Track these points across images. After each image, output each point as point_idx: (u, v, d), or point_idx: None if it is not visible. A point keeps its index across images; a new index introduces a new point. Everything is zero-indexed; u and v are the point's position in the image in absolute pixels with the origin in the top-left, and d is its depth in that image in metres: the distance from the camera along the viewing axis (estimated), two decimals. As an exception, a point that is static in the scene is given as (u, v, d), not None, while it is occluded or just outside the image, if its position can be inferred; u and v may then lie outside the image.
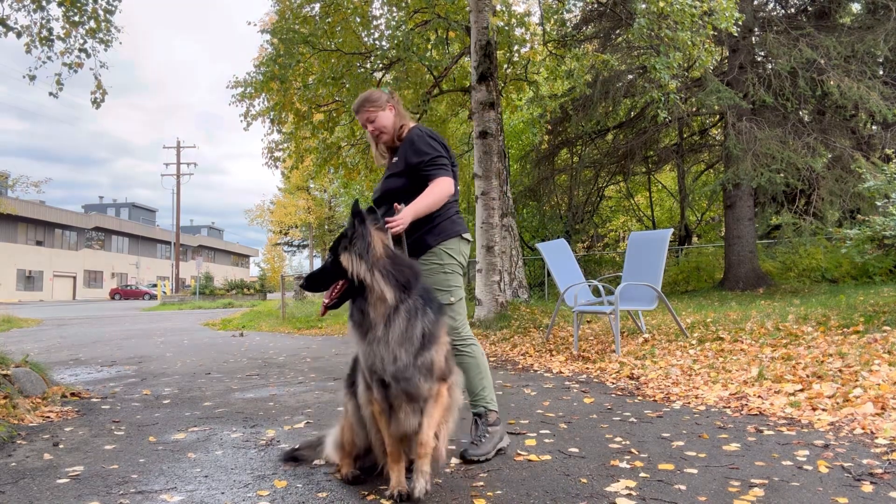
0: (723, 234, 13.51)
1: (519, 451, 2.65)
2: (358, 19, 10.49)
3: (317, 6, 10.26)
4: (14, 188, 25.71)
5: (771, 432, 2.81)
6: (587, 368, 4.87)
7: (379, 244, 2.09)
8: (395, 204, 2.50)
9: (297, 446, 2.67)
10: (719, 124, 13.40)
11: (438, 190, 2.55)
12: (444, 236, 2.63)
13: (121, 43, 7.40)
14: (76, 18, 6.91)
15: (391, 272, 2.07)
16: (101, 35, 7.10)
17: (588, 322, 7.54)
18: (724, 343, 5.03)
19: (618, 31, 12.13)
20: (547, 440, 2.83)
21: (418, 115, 11.42)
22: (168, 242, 53.32)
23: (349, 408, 2.32)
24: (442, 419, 2.18)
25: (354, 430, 2.29)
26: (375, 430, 2.21)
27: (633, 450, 2.60)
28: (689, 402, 3.53)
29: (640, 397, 3.76)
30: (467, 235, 2.74)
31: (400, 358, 2.04)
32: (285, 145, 12.18)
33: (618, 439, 2.79)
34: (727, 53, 12.09)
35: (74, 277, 45.77)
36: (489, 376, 2.71)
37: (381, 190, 2.70)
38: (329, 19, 10.10)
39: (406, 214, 2.43)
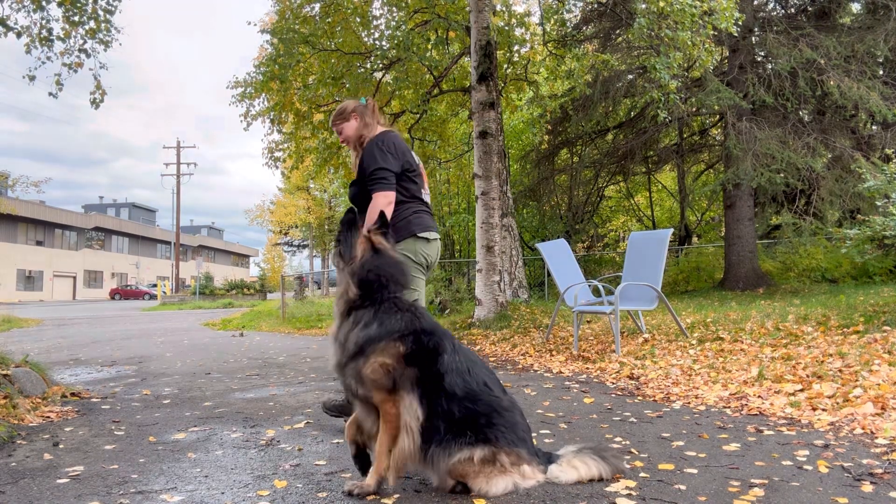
0: (723, 234, 13.50)
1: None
2: (358, 19, 10.49)
3: (317, 6, 10.26)
4: (14, 188, 25.70)
5: (771, 432, 2.81)
6: (587, 368, 4.87)
7: (359, 248, 2.16)
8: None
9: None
10: (719, 124, 13.39)
11: (374, 207, 2.69)
12: (398, 238, 2.69)
13: (121, 44, 7.42)
14: (76, 19, 6.91)
15: (357, 272, 2.12)
16: (100, 35, 7.10)
17: (588, 322, 7.54)
18: (724, 343, 5.03)
19: (618, 31, 12.13)
20: (547, 440, 2.83)
21: (418, 115, 11.42)
22: (168, 242, 53.32)
23: None
24: (390, 437, 2.07)
25: None
26: None
27: (633, 450, 2.60)
28: (689, 402, 3.53)
29: (640, 397, 3.76)
30: (425, 234, 2.83)
31: (337, 354, 2.15)
32: (285, 145, 12.18)
33: (618, 439, 2.79)
34: (727, 53, 12.08)
35: (74, 277, 45.77)
36: None
37: (349, 196, 2.92)
38: (329, 19, 10.10)
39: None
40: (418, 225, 2.83)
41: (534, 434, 2.92)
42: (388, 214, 2.63)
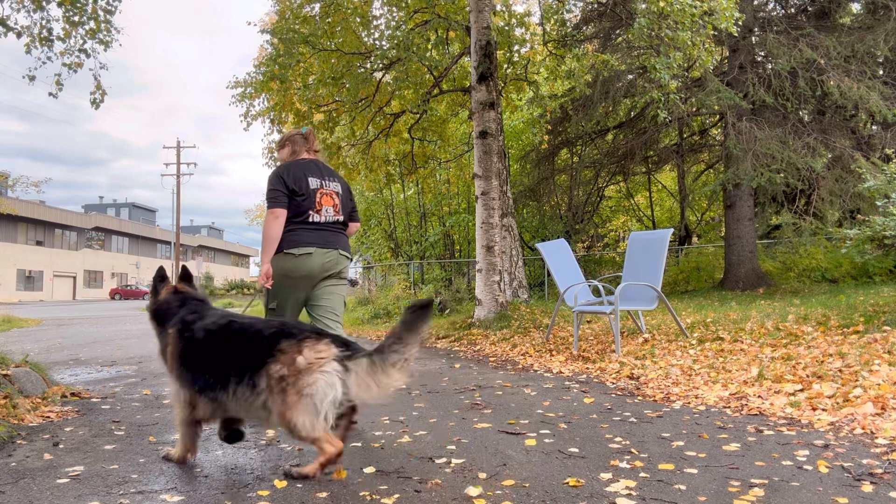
0: (723, 234, 13.50)
1: (519, 452, 2.65)
2: (358, 19, 10.48)
3: (317, 6, 10.26)
4: (14, 188, 25.71)
5: (771, 432, 2.81)
6: (587, 368, 4.87)
7: (163, 293, 2.84)
8: None
9: None
10: (719, 124, 13.39)
11: (264, 224, 3.38)
12: (275, 254, 3.32)
13: (121, 44, 7.42)
14: (76, 19, 6.91)
15: (154, 308, 2.83)
16: (100, 35, 7.10)
17: (588, 322, 7.54)
18: (724, 343, 5.02)
19: (618, 31, 12.13)
20: (547, 440, 2.83)
21: (418, 115, 11.43)
22: (168, 242, 53.33)
23: None
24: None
25: None
26: None
27: (633, 450, 2.60)
28: (689, 402, 3.53)
29: (640, 397, 3.76)
30: (293, 250, 3.32)
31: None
32: (285, 145, 12.16)
33: (618, 439, 2.78)
34: (727, 53, 12.09)
35: (74, 277, 45.77)
36: None
37: None
38: (329, 19, 10.09)
39: (262, 259, 3.35)
40: (287, 242, 3.31)
41: (534, 434, 2.93)
42: (272, 226, 3.29)
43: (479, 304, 8.12)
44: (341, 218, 3.51)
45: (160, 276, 2.93)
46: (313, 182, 3.41)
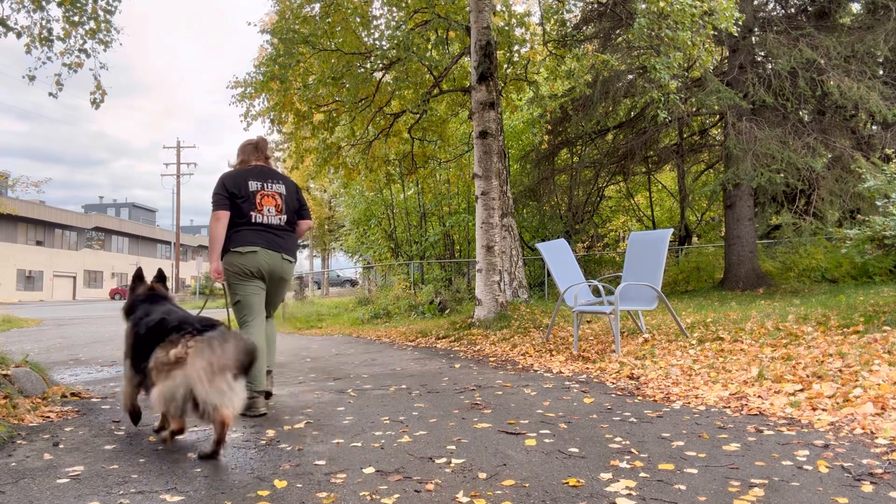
0: (723, 234, 13.50)
1: (519, 452, 2.65)
2: (358, 19, 10.48)
3: (317, 6, 10.25)
4: (14, 188, 25.68)
5: (771, 432, 2.81)
6: (587, 368, 4.87)
7: (138, 290, 3.35)
8: None
9: None
10: (719, 124, 13.39)
11: (209, 226, 3.72)
12: (224, 254, 3.67)
13: (121, 44, 7.43)
14: (76, 19, 6.91)
15: (125, 307, 3.31)
16: (100, 35, 7.10)
17: (588, 322, 7.54)
18: (724, 343, 5.02)
19: (618, 31, 12.12)
20: (547, 440, 2.83)
21: (418, 115, 11.42)
22: (168, 242, 53.33)
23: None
24: None
25: None
26: None
27: (633, 450, 2.60)
28: (689, 402, 3.53)
29: (640, 397, 3.76)
30: (239, 248, 3.63)
31: None
32: (285, 145, 12.19)
33: (618, 439, 2.78)
34: (727, 53, 12.08)
35: (74, 277, 45.76)
36: (264, 358, 3.67)
37: None
38: (329, 19, 10.09)
39: (210, 258, 3.69)
40: (233, 241, 3.65)
41: (534, 434, 2.93)
42: (214, 227, 3.62)
43: (479, 304, 8.12)
44: (284, 217, 3.82)
45: (138, 276, 3.44)
46: (253, 185, 3.74)
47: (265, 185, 3.78)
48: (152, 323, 2.95)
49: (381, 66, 10.89)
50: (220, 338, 2.68)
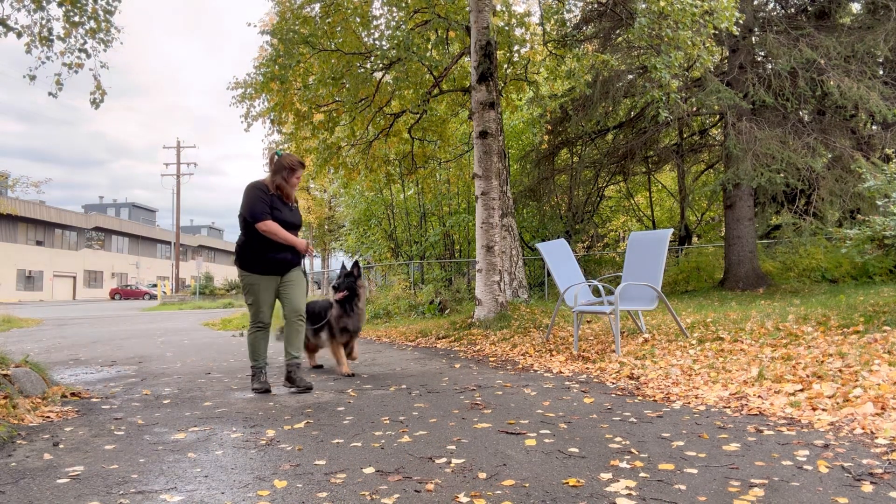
0: (723, 234, 13.49)
1: (519, 451, 2.65)
2: (358, 19, 10.48)
3: (317, 6, 10.25)
4: (14, 188, 25.66)
5: (771, 432, 2.81)
6: (587, 368, 4.87)
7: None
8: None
9: None
10: (719, 124, 13.38)
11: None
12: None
13: (121, 43, 7.42)
14: (76, 18, 6.90)
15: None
16: (101, 35, 7.10)
17: (588, 322, 7.54)
18: (724, 343, 5.02)
19: (618, 31, 12.12)
20: (547, 440, 2.83)
21: (418, 115, 11.42)
22: (168, 242, 53.32)
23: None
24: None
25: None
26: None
27: (633, 450, 2.60)
28: (689, 402, 3.53)
29: (640, 397, 3.76)
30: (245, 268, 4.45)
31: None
32: (285, 146, 12.18)
33: (618, 439, 2.78)
34: (727, 53, 12.08)
35: (74, 277, 45.78)
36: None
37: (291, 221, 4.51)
38: (329, 19, 10.09)
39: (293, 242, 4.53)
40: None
41: (534, 434, 2.93)
42: (271, 228, 4.41)
43: (479, 304, 8.12)
44: None
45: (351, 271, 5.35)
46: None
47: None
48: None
49: (381, 66, 10.89)
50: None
